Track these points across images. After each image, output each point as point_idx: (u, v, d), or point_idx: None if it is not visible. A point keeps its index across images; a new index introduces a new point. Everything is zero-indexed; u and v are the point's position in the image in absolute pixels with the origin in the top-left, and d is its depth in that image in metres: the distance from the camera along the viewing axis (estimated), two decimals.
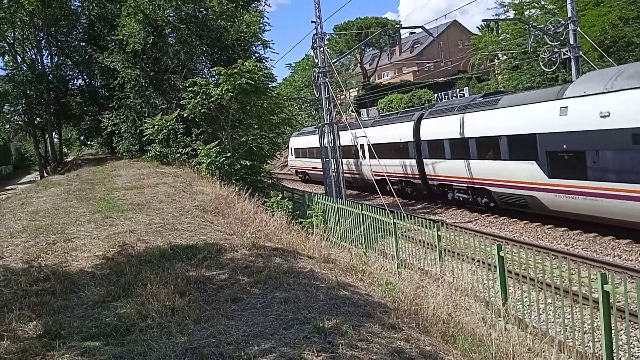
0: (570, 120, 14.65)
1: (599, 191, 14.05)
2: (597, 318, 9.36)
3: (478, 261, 9.14)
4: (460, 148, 20.48)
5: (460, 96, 24.49)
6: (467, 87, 41.27)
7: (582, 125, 14.22)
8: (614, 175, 13.60)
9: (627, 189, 13.22)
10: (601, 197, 14.05)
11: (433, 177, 23.33)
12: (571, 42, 22.17)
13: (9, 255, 7.95)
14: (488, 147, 18.64)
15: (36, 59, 28.74)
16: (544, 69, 25.36)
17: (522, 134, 16.60)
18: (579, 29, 22.92)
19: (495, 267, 8.52)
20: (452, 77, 54.19)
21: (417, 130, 23.97)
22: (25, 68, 27.43)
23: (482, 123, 19.00)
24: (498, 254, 8.32)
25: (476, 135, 19.30)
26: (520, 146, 16.76)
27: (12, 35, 27.60)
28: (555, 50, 23.09)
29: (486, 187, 19.24)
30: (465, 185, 20.89)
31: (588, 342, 7.11)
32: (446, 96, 26.63)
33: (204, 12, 22.72)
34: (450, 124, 21.06)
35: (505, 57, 45.02)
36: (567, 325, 7.43)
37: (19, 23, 27.07)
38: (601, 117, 13.49)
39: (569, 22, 22.20)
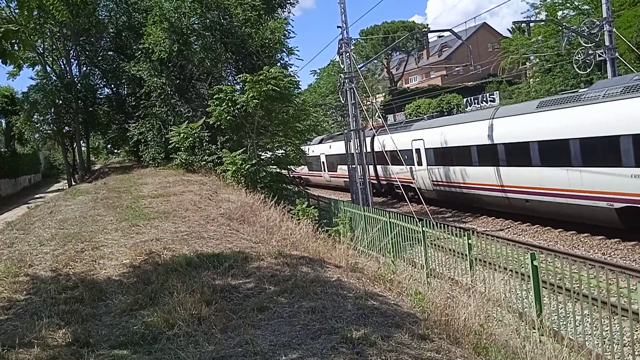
0: (331, 150, 36.24)
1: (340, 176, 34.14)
2: (637, 330, 9.12)
3: (511, 271, 8.99)
4: None
5: (490, 101, 23.77)
6: (497, 91, 40.76)
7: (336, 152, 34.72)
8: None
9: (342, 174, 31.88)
10: (337, 177, 35.69)
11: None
12: (606, 43, 21.74)
13: (39, 263, 8.15)
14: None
15: (65, 69, 29.57)
16: (578, 71, 24.90)
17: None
18: (614, 29, 22.46)
19: (529, 277, 8.36)
20: (482, 81, 53.66)
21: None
22: (54, 78, 28.23)
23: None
24: (532, 263, 8.17)
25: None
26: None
27: (42, 45, 28.45)
28: (589, 52, 22.66)
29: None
30: None
31: (628, 356, 6.91)
32: (475, 101, 26.24)
33: (229, 19, 23.03)
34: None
35: (537, 59, 44.33)
36: (605, 338, 7.23)
37: (48, 33, 27.93)
38: (330, 149, 36.26)
39: (604, 22, 21.78)
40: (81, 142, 32.39)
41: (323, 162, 38.48)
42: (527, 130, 17.88)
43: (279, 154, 20.86)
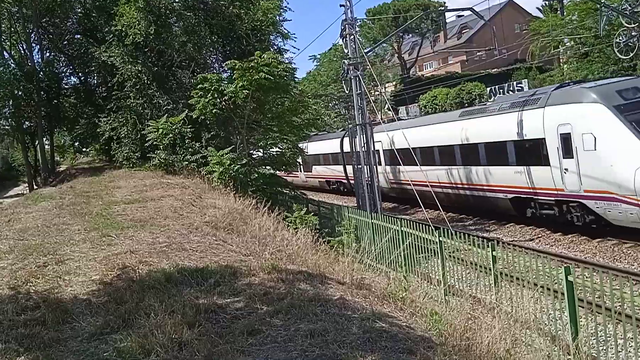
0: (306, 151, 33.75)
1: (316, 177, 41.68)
2: None
3: (542, 287, 8.98)
4: None
5: (518, 89, 24.10)
6: (526, 79, 40.68)
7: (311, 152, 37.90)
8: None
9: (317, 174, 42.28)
10: (313, 178, 42.02)
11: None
12: None
13: None
14: None
15: (25, 55, 29.62)
16: (619, 56, 24.93)
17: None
18: None
19: (562, 294, 8.34)
20: (508, 67, 53.59)
21: None
22: (12, 65, 28.25)
23: None
24: (566, 278, 8.15)
25: None
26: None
27: None
28: (633, 33, 22.69)
29: None
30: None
31: None
32: (500, 90, 26.25)
33: None
34: None
35: (571, 42, 44.33)
36: None
37: (5, 14, 27.95)
38: (316, 149, 38.58)
39: None
40: (44, 139, 32.48)
41: (299, 162, 41.47)
42: (454, 136, 24.03)
43: (273, 153, 20.88)
